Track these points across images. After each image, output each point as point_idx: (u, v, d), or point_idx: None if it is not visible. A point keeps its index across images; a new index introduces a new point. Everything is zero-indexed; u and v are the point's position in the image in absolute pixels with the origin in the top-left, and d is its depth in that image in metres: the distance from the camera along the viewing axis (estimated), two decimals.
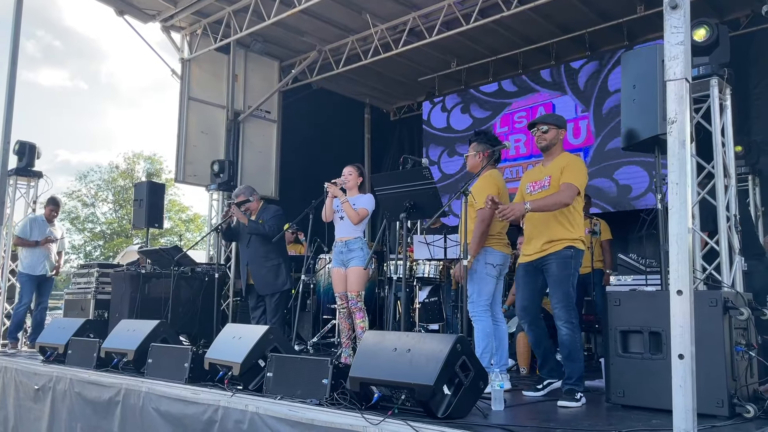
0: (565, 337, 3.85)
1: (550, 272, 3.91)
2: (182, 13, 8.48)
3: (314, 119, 10.13)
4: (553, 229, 3.92)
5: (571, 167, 3.93)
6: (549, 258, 3.91)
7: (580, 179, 3.91)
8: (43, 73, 49.91)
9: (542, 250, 3.94)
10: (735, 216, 4.53)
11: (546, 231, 3.95)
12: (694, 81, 4.39)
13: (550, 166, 4.06)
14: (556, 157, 4.07)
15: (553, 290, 3.91)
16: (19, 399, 5.57)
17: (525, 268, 4.08)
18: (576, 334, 3.85)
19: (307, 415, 3.21)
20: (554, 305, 3.90)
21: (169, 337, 5.12)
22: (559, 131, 4.08)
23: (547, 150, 4.10)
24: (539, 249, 3.96)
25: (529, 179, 4.18)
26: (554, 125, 4.08)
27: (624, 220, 7.86)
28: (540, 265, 3.98)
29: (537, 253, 3.97)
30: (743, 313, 3.25)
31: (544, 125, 4.07)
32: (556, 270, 3.87)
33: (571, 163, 3.97)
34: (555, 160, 4.06)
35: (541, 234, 3.96)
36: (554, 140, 4.06)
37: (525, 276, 4.07)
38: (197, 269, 7.26)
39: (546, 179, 4.01)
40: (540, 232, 3.97)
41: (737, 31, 7.45)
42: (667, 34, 2.62)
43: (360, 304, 5.18)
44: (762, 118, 7.33)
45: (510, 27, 8.50)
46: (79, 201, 28.47)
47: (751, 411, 3.12)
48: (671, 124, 2.57)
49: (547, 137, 4.05)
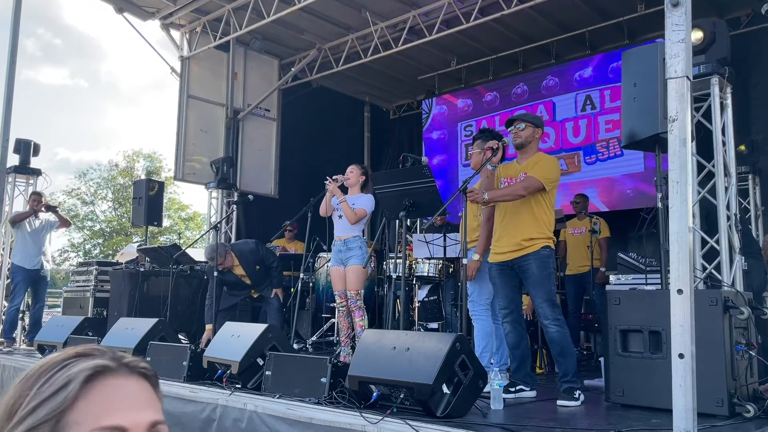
0: (554, 334, 3.83)
1: (529, 273, 3.87)
2: (182, 10, 8.46)
3: (314, 117, 10.11)
4: (527, 228, 3.91)
5: (542, 164, 3.97)
6: (527, 258, 3.88)
7: (546, 175, 3.92)
8: (44, 71, 49.88)
9: (518, 250, 3.91)
10: (735, 215, 4.52)
11: (519, 229, 3.93)
12: (695, 79, 4.37)
13: (525, 163, 4.07)
14: (531, 156, 4.09)
15: (535, 290, 3.89)
16: None
17: (499, 267, 4.03)
18: (564, 329, 3.84)
19: (306, 413, 3.21)
20: (539, 305, 3.88)
21: (168, 335, 5.12)
22: (536, 130, 4.11)
23: (521, 147, 4.12)
24: (514, 248, 3.92)
25: (504, 174, 4.17)
26: (531, 123, 4.11)
27: (624, 218, 7.86)
28: (516, 266, 3.94)
29: (512, 252, 3.93)
30: (743, 313, 3.24)
31: (521, 122, 4.11)
32: (536, 270, 3.85)
33: (543, 160, 4.02)
34: (531, 158, 4.08)
35: (514, 232, 3.94)
36: (530, 138, 4.08)
37: (501, 275, 4.03)
38: (196, 267, 7.26)
39: (522, 176, 4.01)
40: (513, 229, 3.95)
41: (738, 29, 7.43)
42: (668, 31, 2.61)
43: (359, 302, 5.18)
44: (762, 117, 7.32)
45: (510, 25, 8.48)
46: (78, 199, 28.45)
47: (750, 410, 3.11)
48: (672, 122, 2.56)
49: (522, 135, 4.07)
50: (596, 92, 8.58)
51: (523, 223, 3.92)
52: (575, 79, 8.82)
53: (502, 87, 9.63)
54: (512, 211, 3.98)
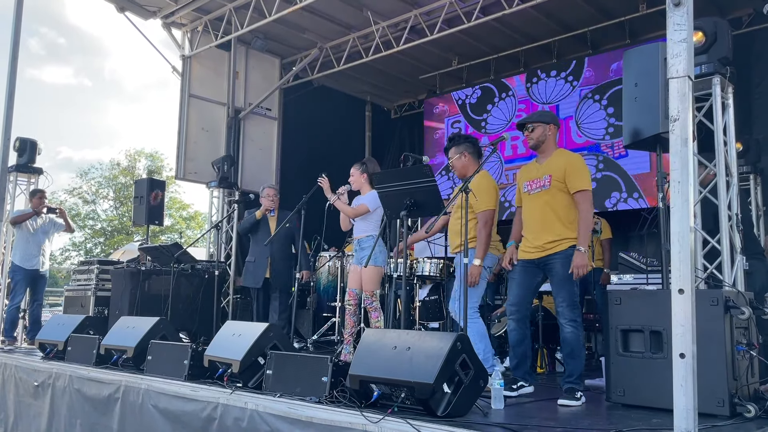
0: (569, 335, 3.83)
1: (554, 271, 3.88)
2: (183, 9, 8.46)
3: (315, 117, 10.11)
4: (556, 228, 3.90)
5: (576, 168, 3.91)
6: (554, 257, 3.88)
7: (587, 179, 3.92)
8: (48, 70, 49.95)
9: (546, 249, 3.91)
10: (737, 215, 4.51)
11: (548, 228, 3.92)
12: (697, 79, 4.37)
13: (546, 163, 4.03)
14: (551, 154, 4.05)
15: (558, 289, 3.89)
16: (18, 395, 5.57)
17: (524, 265, 4.03)
18: (579, 331, 3.84)
19: (307, 412, 3.21)
20: (559, 304, 3.88)
21: (169, 334, 5.12)
22: (546, 127, 4.06)
23: (537, 148, 4.10)
24: (542, 247, 3.93)
25: (525, 178, 4.14)
26: (540, 122, 4.08)
27: (625, 218, 7.86)
28: (542, 264, 3.96)
29: (539, 251, 3.94)
30: (744, 313, 3.24)
31: (530, 124, 4.09)
32: (561, 269, 3.84)
33: (574, 163, 3.95)
34: (552, 157, 4.03)
35: (543, 230, 3.93)
36: (542, 137, 4.05)
37: (523, 273, 4.03)
38: (197, 266, 7.26)
39: (546, 178, 3.96)
40: (542, 228, 3.95)
41: (739, 29, 7.42)
42: (670, 31, 2.61)
43: (375, 303, 5.20)
44: (764, 116, 7.31)
45: (512, 25, 8.47)
46: (80, 198, 28.50)
47: (751, 410, 3.11)
48: (673, 122, 2.55)
49: (534, 136, 4.06)
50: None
51: (554, 222, 3.91)
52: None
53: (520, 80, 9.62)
54: (538, 213, 3.97)
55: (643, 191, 7.95)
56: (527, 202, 4.10)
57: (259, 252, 6.41)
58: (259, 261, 6.39)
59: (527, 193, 4.08)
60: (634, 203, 8.01)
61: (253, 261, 6.45)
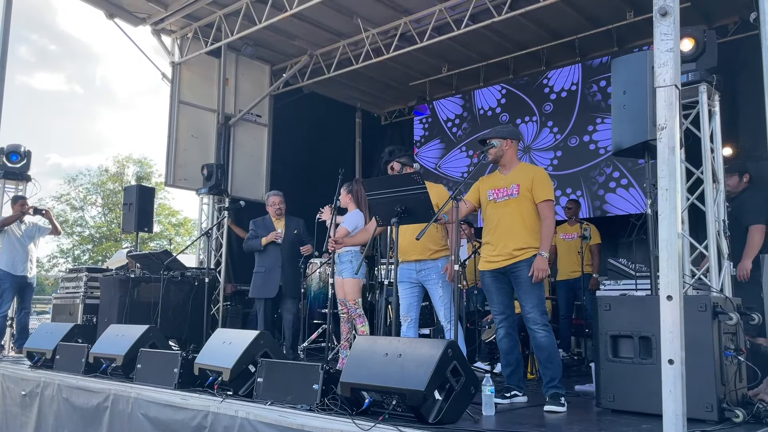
0: (542, 339, 3.89)
1: (521, 278, 3.95)
2: (173, 16, 8.44)
3: (305, 123, 10.11)
4: (522, 237, 3.99)
5: (542, 180, 4.04)
6: (520, 264, 3.95)
7: (552, 191, 4.05)
8: (38, 76, 49.62)
9: (514, 256, 3.98)
10: (724, 221, 4.56)
11: (513, 238, 4.00)
12: (683, 87, 4.42)
13: (511, 174, 4.12)
14: (515, 166, 4.16)
15: (526, 295, 3.95)
16: (5, 405, 5.51)
17: (492, 275, 4.10)
18: (551, 335, 3.93)
19: (298, 420, 3.20)
20: (528, 310, 3.93)
21: (159, 342, 5.09)
22: (503, 142, 4.14)
23: (497, 162, 4.20)
24: (507, 256, 3.99)
25: (489, 186, 4.21)
26: (498, 137, 4.16)
27: (614, 224, 7.91)
28: (508, 272, 4.02)
29: (505, 260, 4.01)
30: (732, 318, 3.27)
31: (489, 140, 4.18)
32: (528, 276, 3.90)
33: (540, 175, 4.07)
34: (516, 169, 4.15)
35: (509, 240, 4.01)
36: (499, 152, 4.15)
37: (495, 282, 4.10)
38: (187, 273, 7.23)
39: (514, 187, 4.06)
40: (510, 235, 4.02)
41: (725, 37, 7.50)
42: (657, 41, 2.64)
43: (359, 311, 5.51)
44: (749, 123, 7.38)
45: (501, 32, 8.53)
46: (67, 204, 28.24)
47: (740, 415, 3.13)
48: (661, 130, 2.59)
49: (492, 152, 4.15)
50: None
51: (520, 232, 3.99)
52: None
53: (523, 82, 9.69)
54: (506, 220, 4.04)
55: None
56: (492, 210, 4.16)
57: (269, 261, 6.47)
58: (272, 270, 6.44)
59: (493, 201, 4.16)
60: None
61: (263, 271, 6.48)
